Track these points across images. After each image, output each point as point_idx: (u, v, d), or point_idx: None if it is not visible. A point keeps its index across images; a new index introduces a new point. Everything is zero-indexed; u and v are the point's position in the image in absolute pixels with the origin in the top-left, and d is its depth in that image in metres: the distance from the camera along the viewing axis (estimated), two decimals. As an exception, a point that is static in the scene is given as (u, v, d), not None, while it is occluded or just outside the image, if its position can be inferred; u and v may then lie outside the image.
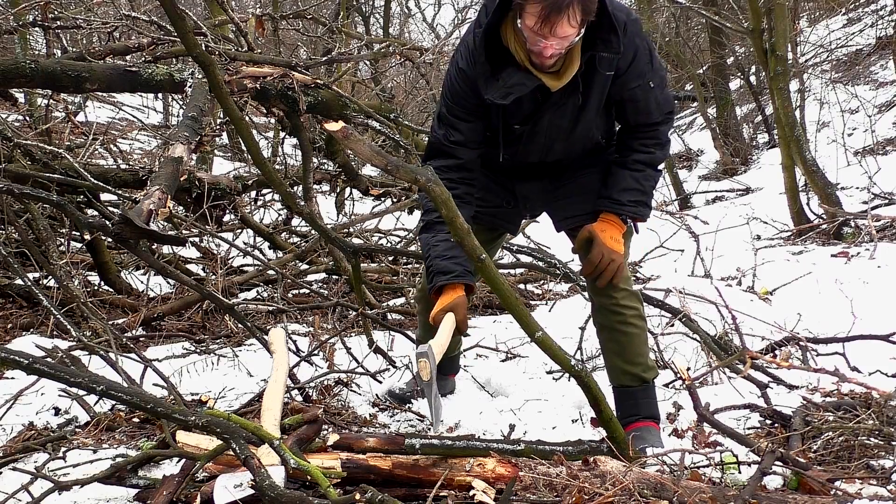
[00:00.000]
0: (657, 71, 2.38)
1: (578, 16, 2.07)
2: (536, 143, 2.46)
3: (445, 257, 2.38)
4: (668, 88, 2.47)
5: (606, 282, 2.46)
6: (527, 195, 2.63)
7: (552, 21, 2.06)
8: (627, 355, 2.51)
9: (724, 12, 8.85)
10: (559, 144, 2.47)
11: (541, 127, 2.41)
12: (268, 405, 2.20)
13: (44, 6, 4.98)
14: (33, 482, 1.94)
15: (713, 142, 11.28)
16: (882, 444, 2.16)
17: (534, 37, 2.12)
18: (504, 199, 2.64)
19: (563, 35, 2.09)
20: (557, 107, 2.36)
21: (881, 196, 6.74)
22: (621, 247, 2.47)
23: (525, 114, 2.38)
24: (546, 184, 2.59)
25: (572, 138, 2.45)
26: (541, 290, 5.30)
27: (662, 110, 2.42)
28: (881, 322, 3.26)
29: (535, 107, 2.36)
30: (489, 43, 2.26)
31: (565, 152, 2.51)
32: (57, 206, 3.43)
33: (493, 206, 2.63)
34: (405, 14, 18.21)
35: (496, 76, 2.27)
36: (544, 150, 2.49)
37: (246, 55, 4.55)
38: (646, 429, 2.45)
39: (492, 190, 2.62)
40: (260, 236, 5.51)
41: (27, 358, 1.79)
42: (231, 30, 5.60)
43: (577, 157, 2.54)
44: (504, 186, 2.62)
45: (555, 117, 2.39)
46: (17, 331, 3.73)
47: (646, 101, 2.38)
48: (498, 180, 2.62)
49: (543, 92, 2.30)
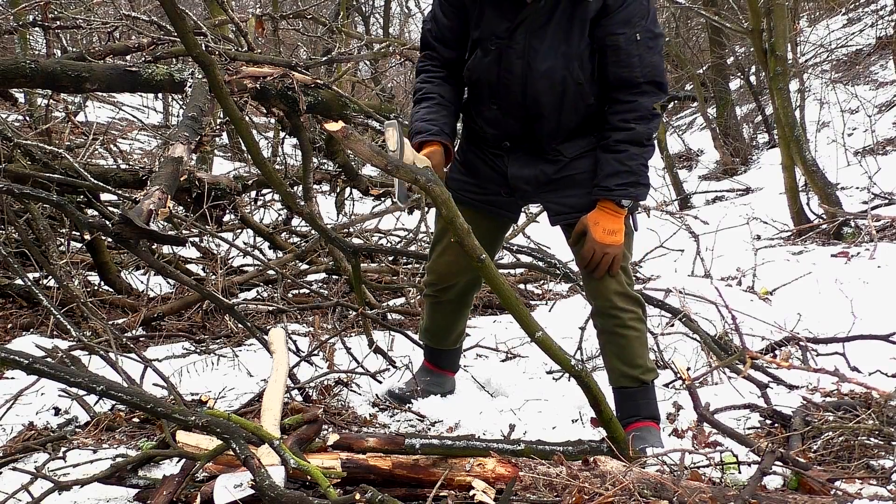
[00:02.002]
0: (650, 30, 2.30)
1: None
2: (514, 71, 2.38)
3: (425, 119, 2.47)
4: (661, 59, 2.35)
5: (602, 274, 2.43)
6: (520, 184, 2.54)
7: None
8: (626, 358, 2.50)
9: (724, 12, 8.86)
10: (539, 78, 2.37)
11: (516, 43, 2.35)
12: (268, 405, 2.20)
13: (44, 6, 4.98)
14: (33, 482, 1.94)
15: (713, 142, 11.29)
16: (882, 444, 2.16)
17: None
18: (499, 187, 2.59)
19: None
20: (534, 22, 2.32)
21: (881, 196, 6.74)
22: (617, 238, 2.41)
23: (503, 25, 2.36)
24: (540, 172, 2.50)
25: (551, 71, 2.35)
26: (541, 290, 5.30)
27: (646, 74, 2.31)
28: (881, 322, 3.26)
29: (515, 15, 2.34)
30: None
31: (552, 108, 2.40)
32: (57, 206, 3.43)
33: (490, 195, 2.61)
34: (405, 14, 18.23)
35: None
36: (522, 83, 2.39)
37: (246, 55, 4.55)
38: (646, 429, 2.45)
39: (487, 177, 2.59)
40: (260, 236, 5.51)
41: (27, 358, 1.79)
42: (231, 30, 5.60)
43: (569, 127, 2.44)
44: (498, 172, 2.57)
45: (532, 37, 2.34)
46: (17, 331, 3.72)
47: (628, 52, 2.29)
48: (493, 166, 2.57)
49: (519, 3, 2.33)
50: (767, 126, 10.91)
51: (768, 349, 3.21)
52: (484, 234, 2.49)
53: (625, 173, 2.36)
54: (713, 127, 11.15)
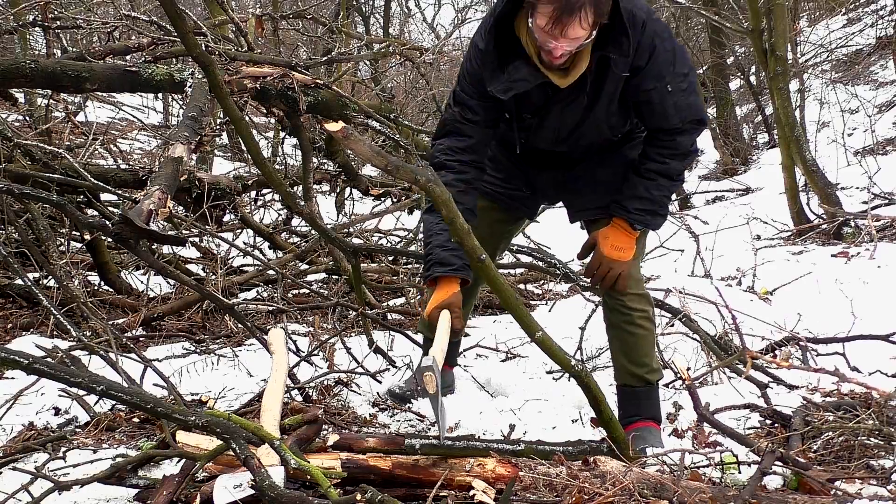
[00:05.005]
0: (681, 74, 2.29)
1: (590, 17, 2.05)
2: (545, 135, 2.46)
3: (446, 248, 2.34)
4: (696, 95, 2.36)
5: (606, 289, 2.48)
6: (541, 185, 2.64)
7: (563, 22, 2.04)
8: (633, 356, 2.51)
9: (724, 12, 8.85)
10: (567, 139, 2.47)
11: (549, 121, 2.41)
12: (267, 405, 2.20)
13: (44, 6, 4.98)
14: (33, 482, 1.94)
15: (713, 142, 11.28)
16: (882, 444, 2.16)
17: (544, 36, 2.10)
18: (523, 184, 2.64)
19: (574, 37, 2.08)
20: (566, 103, 2.35)
21: (881, 196, 6.73)
22: (626, 254, 2.44)
23: (534, 106, 2.37)
24: (559, 175, 2.58)
25: (579, 134, 2.44)
26: (541, 290, 5.30)
27: (683, 117, 2.32)
28: (881, 322, 3.26)
29: (545, 100, 2.35)
30: (500, 32, 2.25)
31: (572, 146, 2.50)
32: (57, 206, 3.42)
33: (512, 189, 2.65)
34: (405, 14, 18.23)
35: (502, 68, 2.26)
36: (553, 141, 2.48)
37: (246, 55, 4.55)
38: (646, 429, 2.45)
39: (512, 174, 2.63)
40: (260, 236, 5.51)
41: (27, 358, 1.78)
42: (231, 30, 5.60)
43: (588, 152, 2.52)
44: (523, 172, 2.63)
45: (563, 113, 2.38)
46: (17, 331, 3.72)
47: (662, 104, 2.30)
48: (518, 166, 2.62)
49: (553, 87, 2.29)
50: (767, 126, 10.91)
51: (768, 349, 3.21)
52: (492, 224, 2.54)
53: (647, 200, 2.40)
54: (713, 127, 11.14)
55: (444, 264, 2.33)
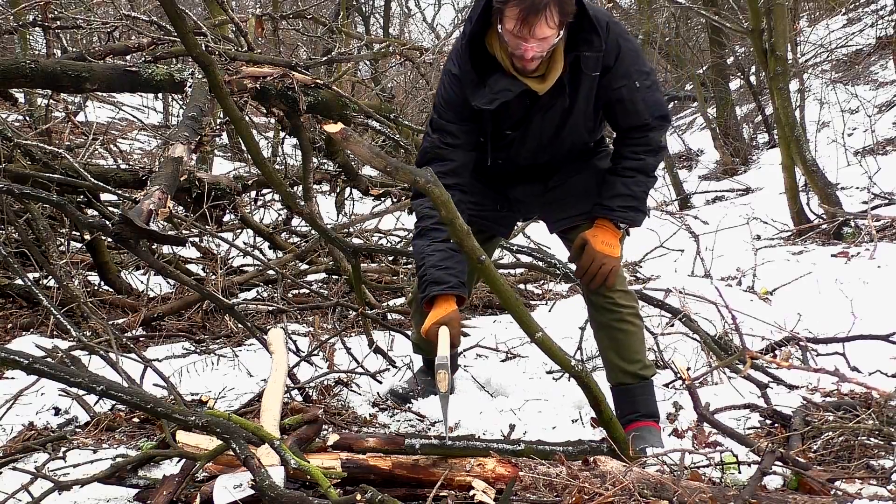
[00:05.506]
0: (644, 72, 2.40)
1: (556, 17, 2.13)
2: (527, 146, 2.51)
3: (440, 267, 2.37)
4: (660, 93, 2.49)
5: (598, 284, 2.50)
6: (519, 199, 2.67)
7: (530, 22, 2.12)
8: (625, 353, 2.53)
9: (724, 12, 8.84)
10: (549, 147, 2.51)
11: (531, 131, 2.46)
12: (267, 405, 2.20)
13: (44, 6, 4.98)
14: (33, 482, 1.94)
15: (713, 142, 11.27)
16: (882, 444, 2.16)
17: (514, 40, 2.17)
18: (497, 203, 2.67)
19: (542, 36, 2.15)
20: (546, 110, 2.40)
21: (881, 196, 6.73)
22: (615, 251, 2.49)
23: (515, 118, 2.43)
24: (536, 188, 2.63)
25: (560, 140, 2.49)
26: (541, 290, 5.30)
27: (652, 113, 2.43)
28: (881, 322, 3.26)
29: (525, 111, 2.41)
30: (475, 51, 2.33)
31: (554, 154, 2.55)
32: (57, 206, 3.43)
33: (486, 210, 2.66)
34: (405, 14, 18.24)
35: (483, 83, 2.33)
36: (534, 153, 2.53)
37: (246, 55, 4.55)
38: (646, 429, 2.45)
39: (485, 194, 2.65)
40: (260, 236, 5.51)
41: (27, 358, 1.79)
42: (231, 30, 5.60)
43: (566, 160, 2.58)
44: (496, 191, 2.66)
45: (544, 121, 2.43)
46: (17, 331, 3.73)
47: (632, 101, 2.40)
48: (490, 184, 2.65)
49: (531, 96, 2.35)
50: (767, 126, 10.90)
51: (768, 349, 3.21)
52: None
53: (629, 197, 2.47)
54: (713, 127, 11.14)
55: (439, 283, 2.36)
